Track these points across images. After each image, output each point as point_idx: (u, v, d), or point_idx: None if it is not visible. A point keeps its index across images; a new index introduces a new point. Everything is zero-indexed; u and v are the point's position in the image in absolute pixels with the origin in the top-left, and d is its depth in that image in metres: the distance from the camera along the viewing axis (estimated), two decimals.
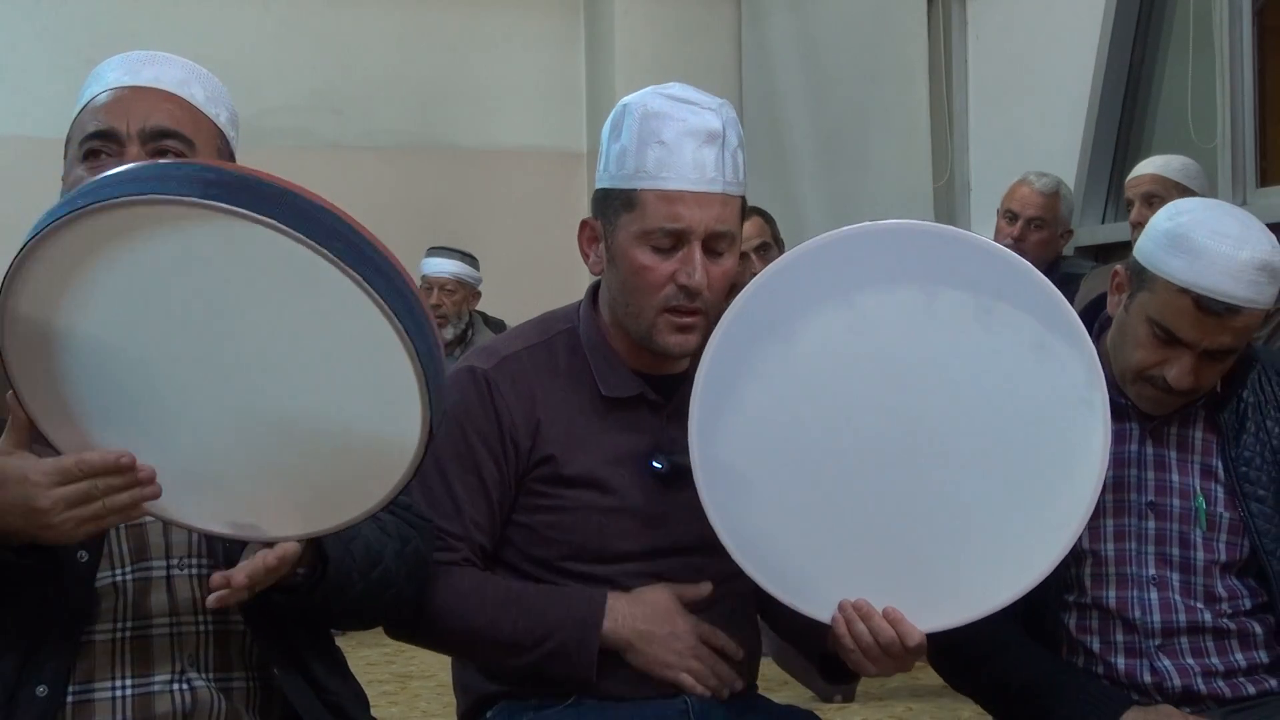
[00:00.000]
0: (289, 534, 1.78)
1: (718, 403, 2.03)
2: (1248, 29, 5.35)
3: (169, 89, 1.98)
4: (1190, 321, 2.21)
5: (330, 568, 1.87)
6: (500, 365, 2.18)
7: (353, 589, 1.91)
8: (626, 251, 2.12)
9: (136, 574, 1.90)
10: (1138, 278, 2.27)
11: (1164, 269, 2.22)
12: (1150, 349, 2.25)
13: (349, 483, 1.75)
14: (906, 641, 2.03)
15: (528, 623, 2.10)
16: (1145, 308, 2.25)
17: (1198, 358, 2.24)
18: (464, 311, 6.37)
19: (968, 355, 2.01)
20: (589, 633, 2.08)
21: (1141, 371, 2.27)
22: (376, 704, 2.14)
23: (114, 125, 1.94)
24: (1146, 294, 2.25)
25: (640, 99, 2.14)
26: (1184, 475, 2.33)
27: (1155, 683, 2.30)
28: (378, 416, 1.69)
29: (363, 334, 1.63)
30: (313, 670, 1.98)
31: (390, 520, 2.00)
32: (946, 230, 2.07)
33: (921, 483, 2.03)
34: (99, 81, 2.00)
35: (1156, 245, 2.25)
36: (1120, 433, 2.31)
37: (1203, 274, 2.19)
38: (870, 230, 2.03)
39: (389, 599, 2.00)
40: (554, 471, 2.16)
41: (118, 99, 1.96)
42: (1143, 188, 4.83)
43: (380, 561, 1.95)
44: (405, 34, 7.12)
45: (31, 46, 6.50)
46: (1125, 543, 2.32)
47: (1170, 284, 2.21)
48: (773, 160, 6.83)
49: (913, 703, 4.62)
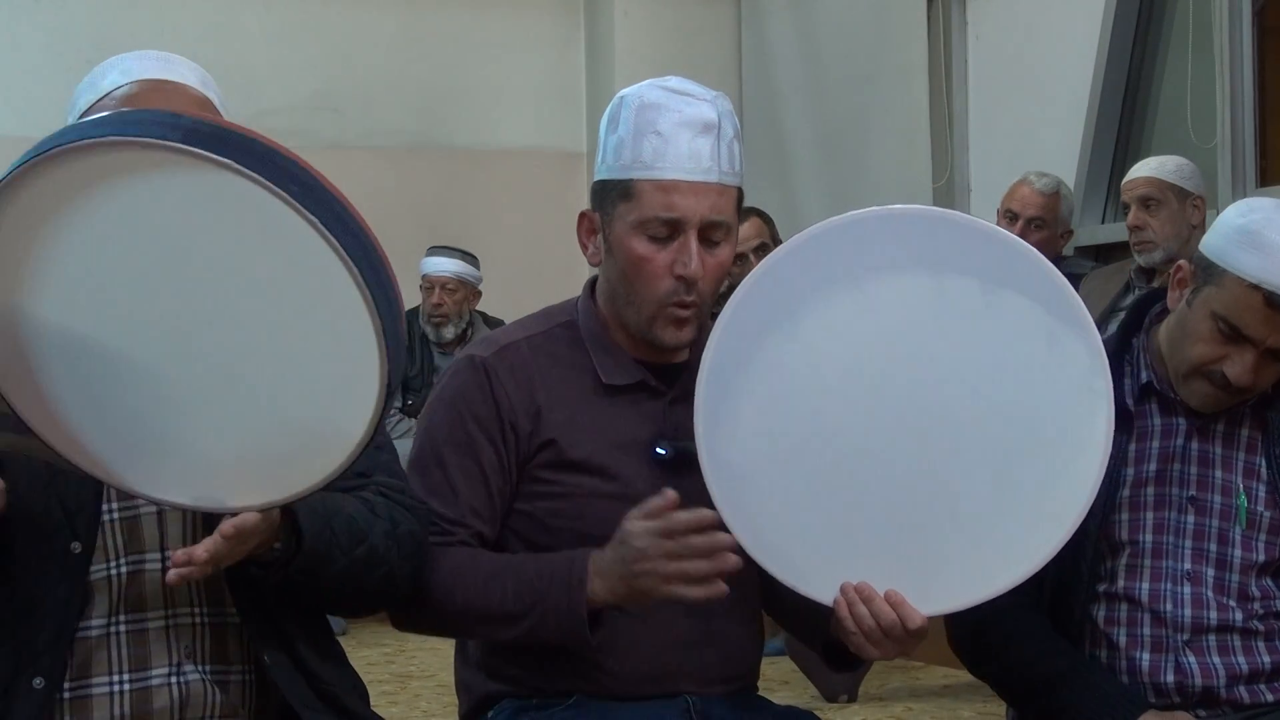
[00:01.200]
0: (250, 504, 1.76)
1: (723, 390, 2.03)
2: (1248, 29, 5.35)
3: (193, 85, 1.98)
4: (1259, 318, 2.22)
5: (305, 542, 1.86)
6: (499, 353, 2.18)
7: (334, 564, 1.90)
8: (624, 242, 2.13)
9: (130, 567, 1.90)
10: (1204, 272, 2.28)
11: (1235, 265, 2.23)
12: (1212, 344, 2.26)
13: (308, 447, 1.73)
14: (908, 624, 2.03)
15: (517, 590, 2.08)
16: (1210, 303, 2.25)
17: (1260, 356, 2.24)
18: (464, 310, 6.38)
19: (974, 341, 2.02)
20: (575, 592, 2.05)
21: (1200, 366, 2.27)
22: (377, 704, 2.14)
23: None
24: (1213, 289, 2.25)
25: (637, 91, 2.16)
26: (1227, 472, 2.34)
27: (1178, 682, 2.30)
28: (337, 375, 1.69)
29: (322, 285, 1.62)
30: (305, 658, 1.97)
31: (380, 501, 2.00)
32: (953, 215, 2.07)
33: (926, 466, 2.03)
34: (105, 78, 1.99)
35: (1228, 241, 2.25)
36: (1167, 427, 2.34)
37: (1276, 271, 2.20)
38: (876, 215, 2.03)
39: (379, 578, 1.98)
40: (556, 457, 2.16)
41: (143, 91, 1.95)
42: (1138, 190, 4.82)
43: (365, 539, 1.93)
44: (405, 34, 7.12)
45: (31, 46, 6.50)
46: (1163, 535, 2.32)
47: (1241, 280, 2.22)
48: (772, 160, 6.83)
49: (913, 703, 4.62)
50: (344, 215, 1.62)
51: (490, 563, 2.13)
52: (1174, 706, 2.30)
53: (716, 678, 2.21)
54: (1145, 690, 2.31)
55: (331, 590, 1.95)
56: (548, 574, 2.08)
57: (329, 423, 1.72)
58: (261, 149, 1.60)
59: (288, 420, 1.72)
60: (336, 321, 1.65)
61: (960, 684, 4.74)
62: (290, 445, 1.74)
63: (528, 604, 2.08)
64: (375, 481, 2.02)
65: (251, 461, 1.75)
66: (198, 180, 1.59)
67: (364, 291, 1.62)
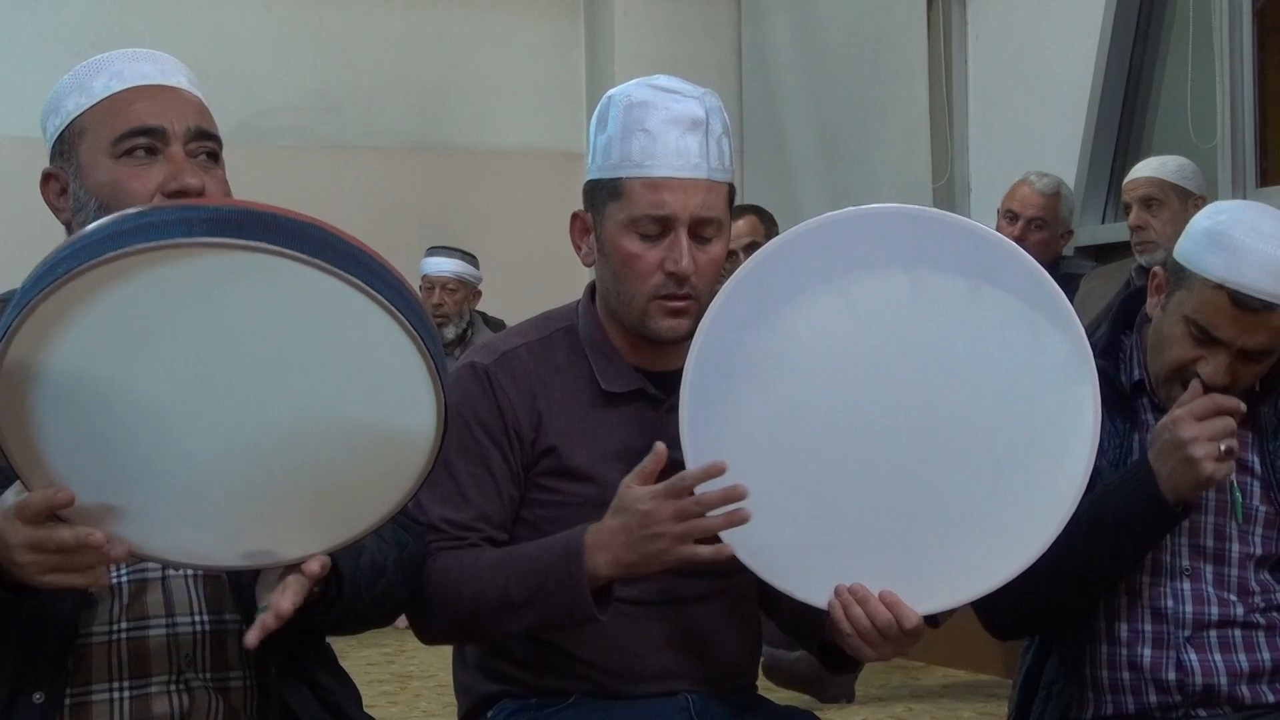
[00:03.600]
0: (309, 551, 1.75)
1: (707, 396, 2.03)
2: (1248, 29, 5.35)
3: (188, 89, 1.97)
4: (1227, 319, 2.23)
5: (346, 587, 1.86)
6: (500, 360, 2.18)
7: (361, 603, 1.90)
8: (615, 240, 2.13)
9: (132, 576, 1.90)
10: (1175, 277, 2.29)
11: (1201, 266, 2.24)
12: (1185, 347, 2.27)
13: (362, 489, 1.73)
14: (904, 624, 2.03)
15: (520, 577, 2.08)
16: (1181, 306, 2.27)
17: (1234, 357, 2.25)
18: (465, 311, 6.38)
19: (957, 338, 2.02)
20: (575, 567, 2.04)
21: (1177, 369, 2.28)
22: (377, 704, 2.14)
23: (160, 123, 1.90)
24: (1184, 292, 2.27)
25: (624, 90, 2.16)
26: None
27: (1179, 680, 2.30)
28: (388, 412, 1.67)
29: (362, 333, 1.61)
30: (309, 669, 1.98)
31: (387, 527, 1.99)
32: (932, 213, 2.07)
33: (914, 466, 2.04)
34: (101, 74, 1.95)
35: (1195, 244, 2.27)
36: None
37: (1240, 270, 2.21)
38: (856, 215, 2.04)
39: (389, 609, 2.00)
40: (556, 464, 2.16)
41: (153, 95, 1.93)
42: (1139, 191, 4.83)
43: (384, 573, 1.94)
44: (405, 34, 7.12)
45: (31, 46, 6.50)
46: None
47: (1207, 281, 2.23)
48: (772, 160, 6.83)
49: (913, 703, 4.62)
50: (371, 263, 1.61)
51: (492, 556, 2.12)
52: (1175, 705, 2.31)
53: (715, 677, 2.21)
54: (1147, 687, 2.31)
55: (348, 624, 1.96)
56: (546, 556, 2.07)
57: (383, 466, 1.71)
58: (287, 222, 1.58)
59: (337, 475, 1.70)
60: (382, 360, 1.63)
61: (960, 684, 4.74)
62: (340, 496, 1.73)
63: (532, 589, 2.07)
64: None
65: (304, 516, 1.74)
66: (221, 262, 1.57)
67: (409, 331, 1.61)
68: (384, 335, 1.61)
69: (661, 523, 1.98)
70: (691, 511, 1.98)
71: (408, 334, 1.61)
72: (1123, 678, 2.33)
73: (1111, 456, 2.30)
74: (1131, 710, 2.32)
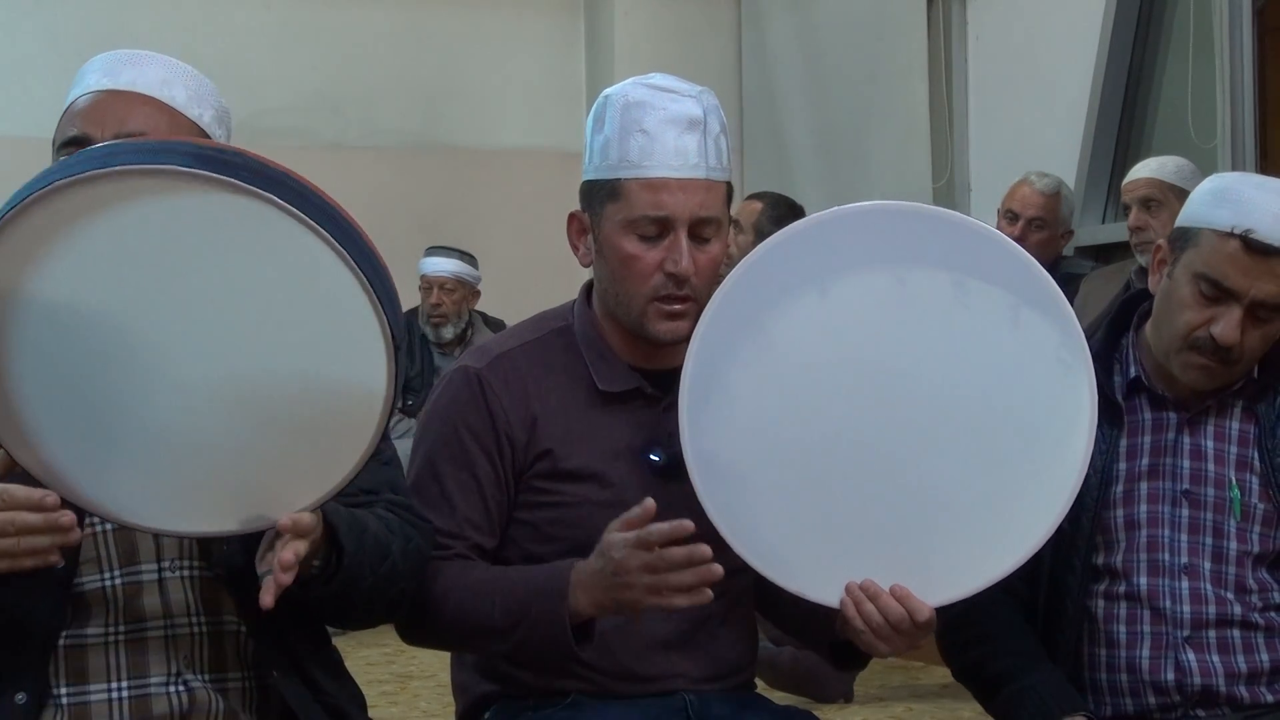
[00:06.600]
0: (298, 508, 1.77)
1: (705, 397, 2.03)
2: (1248, 29, 5.34)
3: (146, 91, 1.98)
4: (1239, 268, 2.24)
5: (346, 558, 1.87)
6: (493, 364, 2.18)
7: (364, 581, 1.91)
8: (613, 241, 2.13)
9: (126, 578, 1.90)
10: (1181, 241, 2.31)
11: (1210, 220, 2.27)
12: (1197, 307, 2.27)
13: (332, 438, 1.74)
14: (916, 617, 2.03)
15: (505, 605, 2.08)
16: (1190, 265, 2.28)
17: (1245, 311, 2.25)
18: (464, 310, 6.37)
19: (947, 333, 2.03)
20: (557, 603, 2.04)
21: (1189, 334, 2.28)
22: (377, 704, 2.14)
23: (88, 131, 1.95)
24: (1191, 251, 2.28)
25: (621, 90, 2.16)
26: (1220, 465, 2.34)
27: (1177, 681, 2.30)
28: (344, 359, 1.70)
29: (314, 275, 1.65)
30: (310, 672, 1.98)
31: (393, 519, 2.01)
32: (916, 208, 2.08)
33: (914, 459, 2.05)
34: (80, 84, 2.01)
35: (1201, 204, 2.31)
36: (1158, 421, 2.35)
37: (1250, 215, 2.23)
38: (841, 215, 2.04)
39: (395, 595, 2.00)
40: (552, 466, 2.16)
41: (94, 104, 1.97)
42: (1139, 192, 4.83)
43: (388, 555, 1.95)
44: (405, 34, 7.12)
45: (31, 46, 6.50)
46: (1158, 529, 2.33)
47: (1216, 232, 2.26)
48: (772, 160, 6.83)
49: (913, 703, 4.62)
50: (306, 192, 1.67)
51: (480, 577, 2.12)
52: (1174, 706, 2.30)
53: (712, 676, 2.21)
54: (1145, 689, 2.31)
55: (352, 606, 1.96)
56: (532, 589, 2.08)
57: (346, 413, 1.73)
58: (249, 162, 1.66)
59: (308, 424, 1.73)
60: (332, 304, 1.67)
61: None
62: (314, 449, 1.75)
63: (515, 619, 2.08)
64: (384, 499, 2.03)
65: (283, 474, 1.76)
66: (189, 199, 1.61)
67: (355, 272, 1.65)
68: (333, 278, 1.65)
69: (631, 573, 1.98)
70: (659, 567, 1.97)
71: (345, 262, 1.65)
72: (1121, 679, 2.32)
73: (1098, 464, 2.28)
74: (1130, 711, 2.32)
